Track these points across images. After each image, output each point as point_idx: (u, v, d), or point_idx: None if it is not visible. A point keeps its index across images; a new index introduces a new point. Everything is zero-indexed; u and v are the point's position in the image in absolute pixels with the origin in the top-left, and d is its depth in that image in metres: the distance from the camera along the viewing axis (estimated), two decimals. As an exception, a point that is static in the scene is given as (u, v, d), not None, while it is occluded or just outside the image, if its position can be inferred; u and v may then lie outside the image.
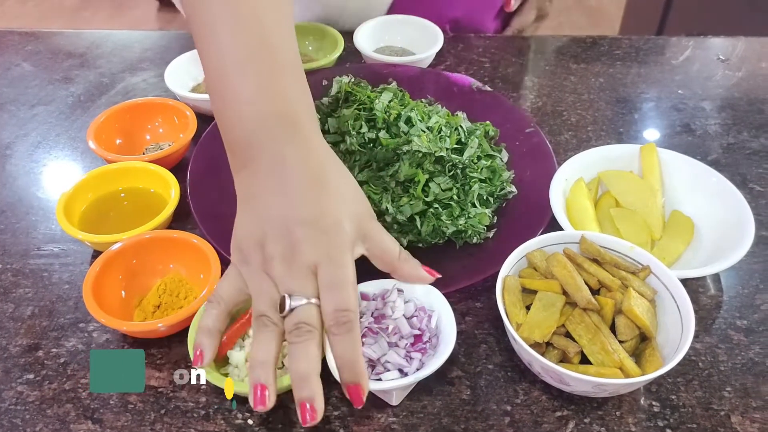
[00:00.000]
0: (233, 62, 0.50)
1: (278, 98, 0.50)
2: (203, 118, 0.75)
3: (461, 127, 0.67)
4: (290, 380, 0.44)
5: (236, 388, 0.48)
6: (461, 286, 0.56)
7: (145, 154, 0.72)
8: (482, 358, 0.53)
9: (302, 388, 0.43)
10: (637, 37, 0.96)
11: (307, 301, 0.45)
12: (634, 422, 0.49)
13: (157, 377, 0.52)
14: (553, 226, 0.58)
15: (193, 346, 0.48)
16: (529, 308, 0.51)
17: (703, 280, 0.60)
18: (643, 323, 0.49)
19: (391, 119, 0.63)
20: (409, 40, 0.90)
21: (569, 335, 0.50)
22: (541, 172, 0.65)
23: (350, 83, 0.70)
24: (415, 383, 0.49)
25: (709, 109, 0.81)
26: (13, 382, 0.52)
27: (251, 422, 0.49)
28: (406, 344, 0.49)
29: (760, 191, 0.69)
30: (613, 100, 0.83)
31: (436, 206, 0.60)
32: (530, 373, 0.52)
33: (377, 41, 0.90)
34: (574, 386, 0.47)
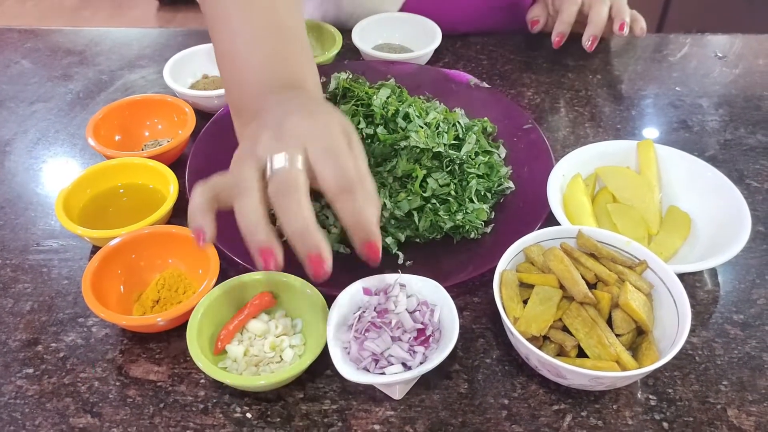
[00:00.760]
0: (245, 39, 0.51)
1: (286, 67, 0.50)
2: (202, 114, 0.75)
3: (459, 123, 0.68)
4: (290, 239, 0.41)
5: (235, 381, 0.48)
6: (459, 281, 0.56)
7: (143, 150, 0.72)
8: (480, 352, 0.54)
9: (303, 241, 0.41)
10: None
11: (290, 163, 0.42)
12: (630, 415, 0.49)
13: (156, 371, 0.52)
14: (550, 221, 0.58)
15: (191, 228, 0.46)
16: (526, 302, 0.51)
17: (699, 274, 0.60)
18: (639, 317, 0.49)
19: (389, 115, 0.64)
20: (407, 37, 0.90)
21: (566, 329, 0.50)
22: (538, 167, 0.65)
23: (348, 80, 0.71)
24: (418, 377, 0.49)
25: (706, 105, 0.82)
26: (12, 376, 0.52)
27: (249, 416, 0.49)
28: (409, 338, 0.49)
29: (756, 187, 0.69)
30: (610, 96, 0.83)
31: (433, 202, 0.60)
32: (527, 366, 0.52)
33: (375, 38, 0.90)
34: (571, 380, 0.47)
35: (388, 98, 0.66)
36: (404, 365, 0.48)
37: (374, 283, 0.52)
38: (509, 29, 0.95)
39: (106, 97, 0.83)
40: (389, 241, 0.59)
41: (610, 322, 0.50)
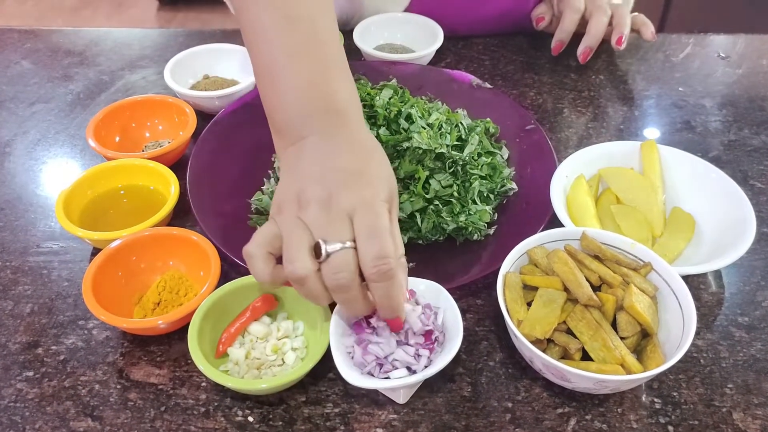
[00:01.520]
0: (285, 54, 0.50)
1: (329, 87, 0.50)
2: (203, 115, 0.75)
3: (461, 124, 0.67)
4: None
5: (237, 384, 0.47)
6: (462, 282, 0.55)
7: (144, 151, 0.72)
8: (483, 354, 0.53)
9: (393, 307, 0.46)
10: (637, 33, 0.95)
11: (342, 245, 0.44)
12: (635, 419, 0.49)
13: (157, 374, 0.52)
14: (553, 223, 0.58)
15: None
16: (530, 305, 0.51)
17: (704, 276, 0.60)
18: (644, 320, 0.48)
19: (391, 116, 0.63)
20: (409, 37, 0.90)
21: (570, 332, 0.50)
22: (541, 169, 0.65)
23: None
24: (422, 381, 0.49)
25: (709, 106, 0.81)
26: (12, 379, 0.52)
27: (251, 419, 0.49)
28: (415, 342, 0.48)
29: (761, 188, 0.69)
30: (613, 97, 0.83)
31: (436, 203, 0.60)
32: (531, 369, 0.52)
33: (377, 39, 0.89)
34: (575, 383, 0.47)
35: (390, 99, 0.66)
36: (409, 369, 0.47)
37: None
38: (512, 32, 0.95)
39: (106, 97, 0.83)
40: (391, 242, 0.59)
41: (614, 324, 0.50)
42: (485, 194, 0.63)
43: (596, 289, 0.52)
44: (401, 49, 0.89)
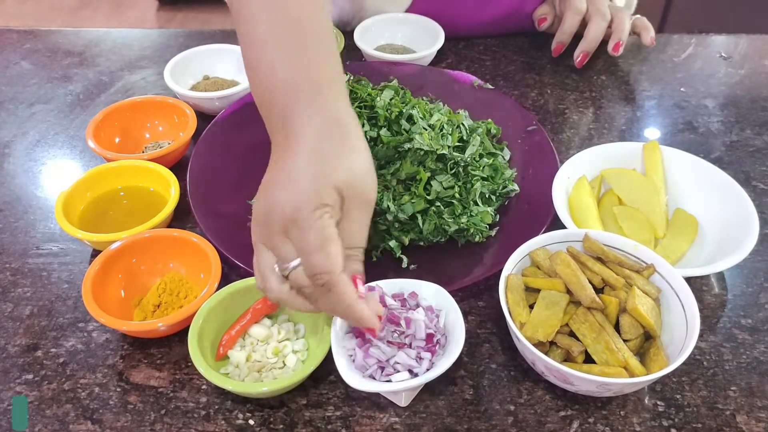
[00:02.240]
0: (265, 41, 0.48)
1: (312, 66, 0.48)
2: (203, 116, 0.74)
3: (463, 124, 0.67)
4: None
5: (237, 387, 0.47)
6: (464, 284, 0.55)
7: (144, 152, 0.71)
8: (485, 357, 0.53)
9: (348, 317, 0.45)
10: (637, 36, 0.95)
11: (293, 265, 0.45)
12: (638, 422, 0.48)
13: (157, 377, 0.51)
14: (555, 224, 0.57)
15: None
16: (532, 307, 0.51)
17: (707, 278, 0.59)
18: (647, 322, 0.48)
19: (392, 117, 0.63)
20: (409, 38, 0.90)
21: (573, 334, 0.49)
22: (543, 170, 0.65)
23: (351, 81, 0.70)
24: (424, 384, 0.48)
25: (711, 106, 0.81)
26: (11, 382, 0.51)
27: (252, 422, 0.49)
28: (418, 345, 0.48)
29: (763, 189, 0.69)
30: (615, 97, 0.83)
31: (438, 204, 0.60)
32: (534, 372, 0.51)
33: (378, 39, 0.89)
34: (578, 386, 0.47)
35: (391, 100, 0.65)
36: (410, 372, 0.47)
37: (387, 287, 0.51)
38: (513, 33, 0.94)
39: (106, 98, 0.83)
40: (393, 244, 0.59)
41: (617, 327, 0.49)
42: (487, 195, 0.63)
43: (599, 291, 0.51)
44: (402, 49, 0.89)
